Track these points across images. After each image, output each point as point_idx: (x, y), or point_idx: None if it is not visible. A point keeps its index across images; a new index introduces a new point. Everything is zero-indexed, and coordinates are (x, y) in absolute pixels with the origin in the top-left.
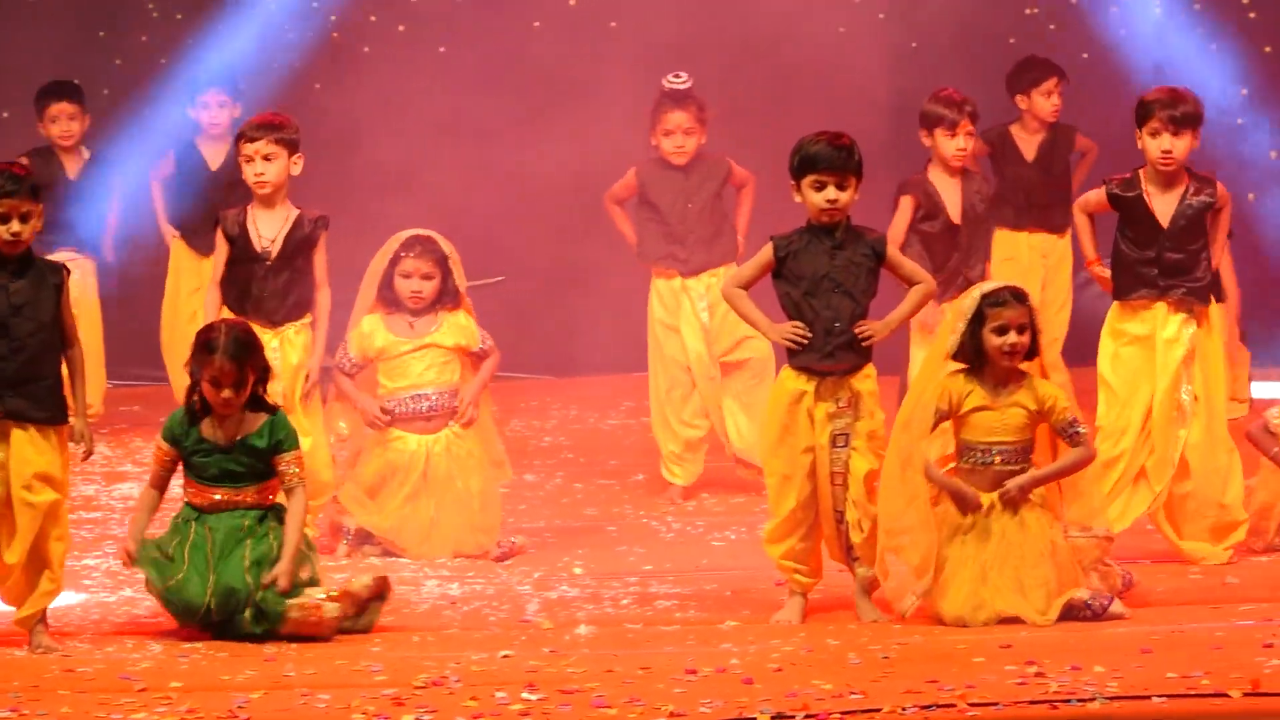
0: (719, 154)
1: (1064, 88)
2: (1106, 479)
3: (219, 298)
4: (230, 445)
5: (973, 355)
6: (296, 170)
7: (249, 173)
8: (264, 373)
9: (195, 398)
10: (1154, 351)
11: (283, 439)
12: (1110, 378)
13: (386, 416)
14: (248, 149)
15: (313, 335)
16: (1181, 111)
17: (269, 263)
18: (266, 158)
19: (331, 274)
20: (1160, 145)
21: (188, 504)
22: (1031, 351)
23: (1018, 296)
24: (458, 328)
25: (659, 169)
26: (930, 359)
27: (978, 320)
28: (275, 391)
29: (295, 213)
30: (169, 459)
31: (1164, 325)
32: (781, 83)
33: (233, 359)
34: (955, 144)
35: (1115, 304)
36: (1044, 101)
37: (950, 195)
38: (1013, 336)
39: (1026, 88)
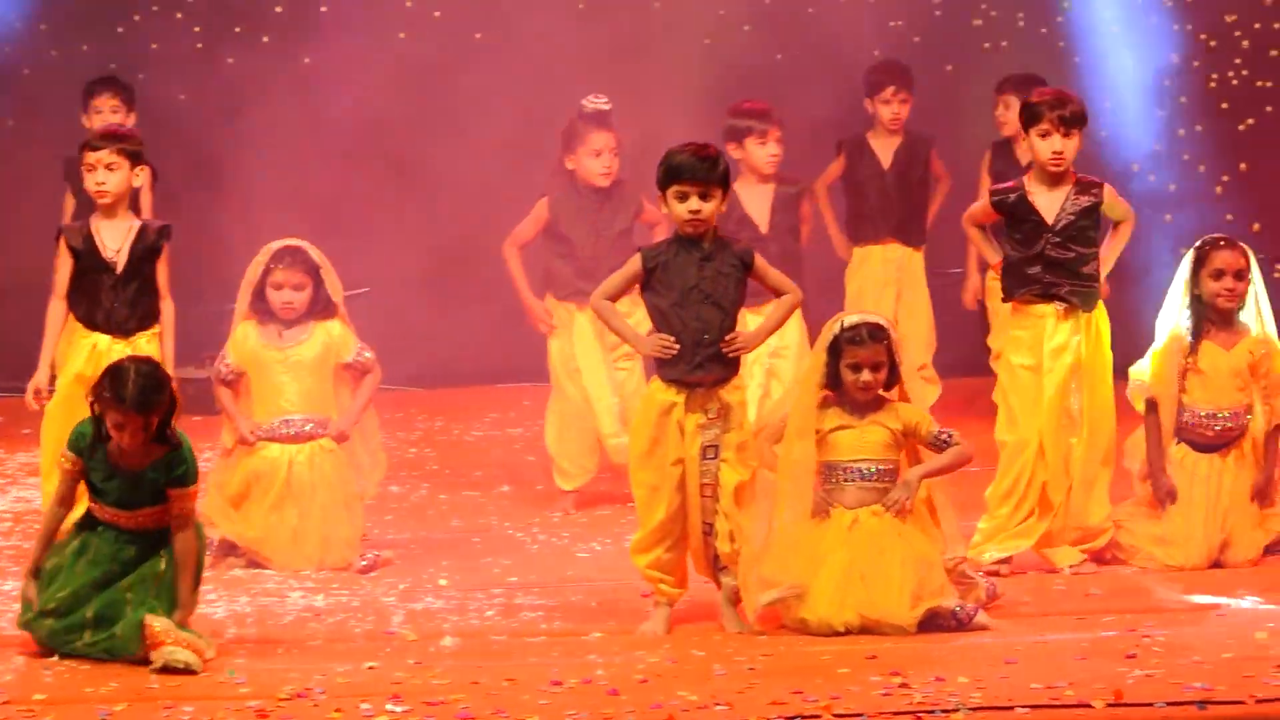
0: (634, 187)
1: (908, 97)
2: (1009, 501)
3: (65, 311)
4: (131, 473)
5: (832, 382)
6: (139, 182)
7: (90, 182)
8: (170, 408)
9: (101, 428)
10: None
11: (181, 474)
12: (1010, 399)
13: (255, 437)
14: (90, 158)
15: (161, 345)
16: (1070, 111)
17: (117, 273)
18: (109, 167)
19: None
20: (1051, 146)
21: (88, 511)
22: (890, 382)
23: (874, 335)
24: (329, 335)
25: (573, 197)
26: (801, 385)
27: (835, 352)
28: None
29: (138, 223)
30: (75, 470)
31: (1053, 334)
32: (643, 95)
33: (139, 411)
34: (768, 151)
35: (1008, 309)
36: (884, 109)
37: (759, 205)
38: (866, 375)
39: (871, 93)
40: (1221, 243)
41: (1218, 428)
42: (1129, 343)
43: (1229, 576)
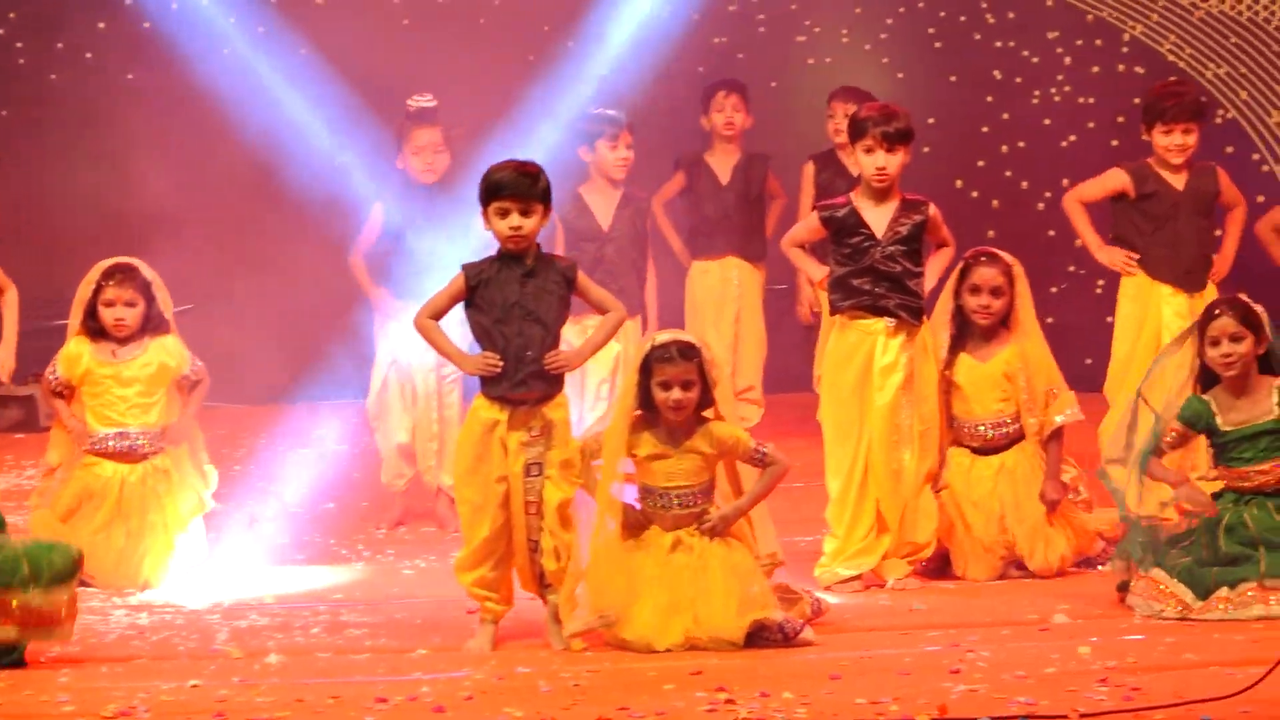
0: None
1: (741, 104)
2: (843, 519)
3: None
4: None
5: (645, 403)
6: None
7: None
8: None
9: None
10: (871, 383)
11: None
12: (839, 415)
13: (88, 442)
14: None
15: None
16: (895, 128)
17: None
18: None
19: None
20: (875, 162)
21: None
22: (704, 402)
23: (685, 353)
24: (164, 350)
25: (405, 196)
26: (616, 405)
27: (647, 371)
28: None
29: None
30: None
31: (883, 351)
32: (468, 111)
33: None
34: (619, 155)
35: (835, 323)
36: (718, 115)
37: (603, 209)
38: (676, 393)
39: (706, 108)
40: (983, 258)
41: (983, 435)
42: None
43: (1045, 590)
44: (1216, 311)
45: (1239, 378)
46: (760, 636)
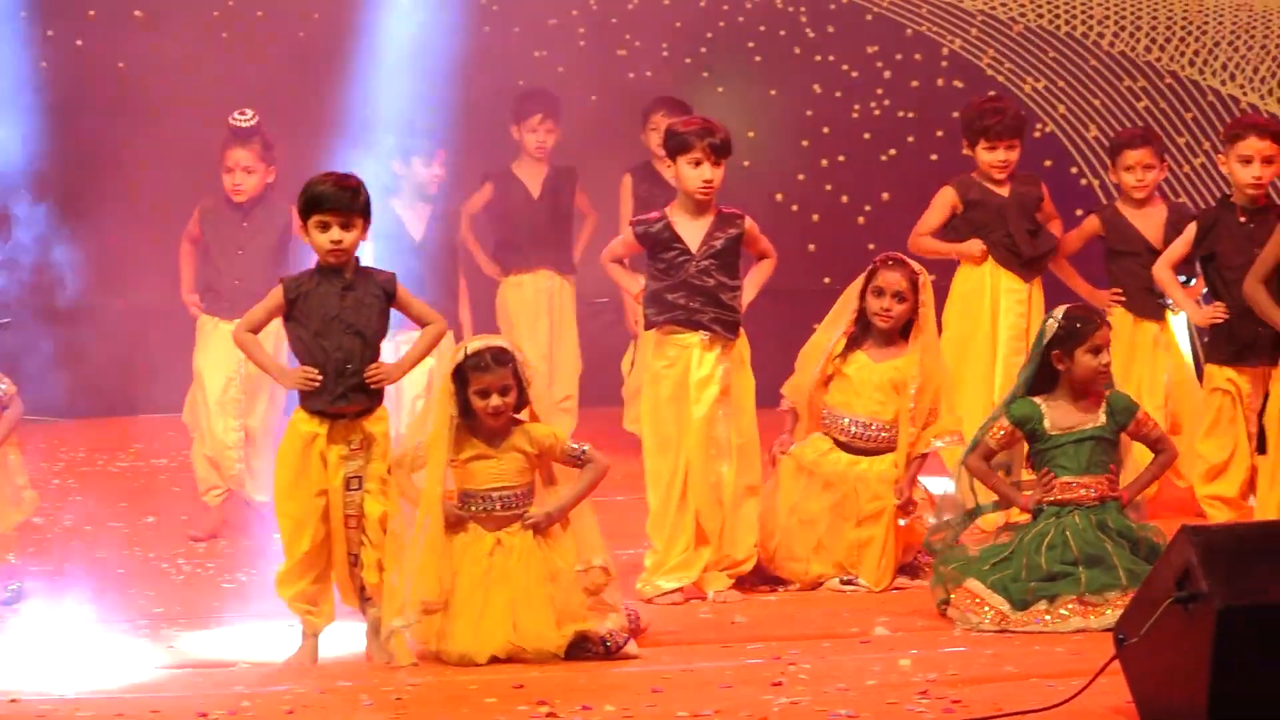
0: (285, 202)
1: (554, 126)
2: (662, 533)
3: None
4: None
5: (464, 411)
6: None
7: None
8: None
9: None
10: (687, 397)
11: None
12: (657, 429)
13: None
14: None
15: None
16: (720, 140)
17: None
18: None
19: None
20: (701, 175)
21: None
22: (520, 404)
23: (499, 359)
24: None
25: (217, 210)
26: (433, 415)
27: (462, 380)
28: None
29: None
30: None
31: (699, 364)
32: (291, 123)
33: None
34: (433, 171)
35: (652, 337)
36: (530, 136)
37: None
38: (495, 399)
39: (517, 120)
40: (891, 262)
41: (852, 433)
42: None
43: (865, 602)
44: (1097, 321)
45: (1096, 388)
46: (583, 649)
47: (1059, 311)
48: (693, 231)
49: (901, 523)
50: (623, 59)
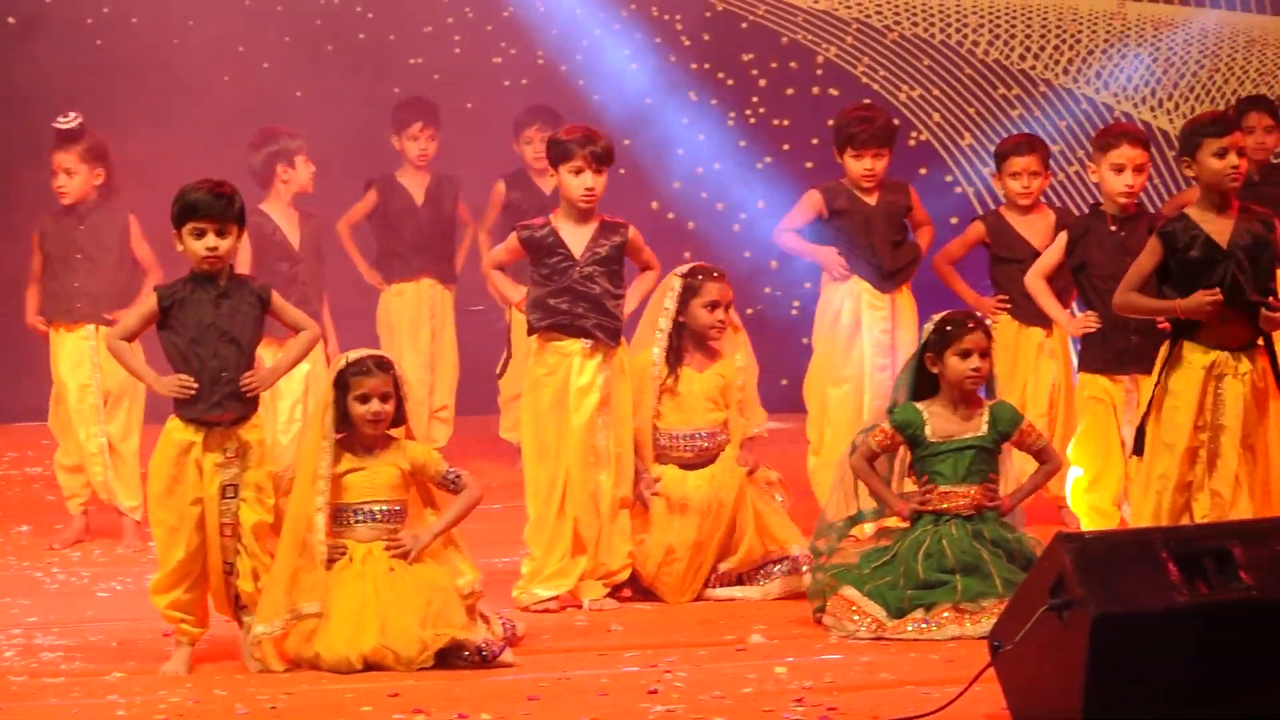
0: (125, 208)
1: (435, 133)
2: (541, 540)
3: None
4: None
5: (341, 421)
6: None
7: None
8: None
9: None
10: (568, 404)
11: None
12: (537, 436)
13: None
14: None
15: None
16: (601, 148)
17: None
18: None
19: None
20: (584, 183)
21: None
22: (397, 419)
23: (380, 365)
24: None
25: (55, 221)
26: (310, 426)
27: (342, 387)
28: None
29: None
30: None
31: (579, 372)
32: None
33: None
34: (309, 172)
35: (534, 341)
36: (411, 144)
37: (290, 228)
38: (375, 405)
39: (398, 129)
40: (715, 274)
41: (697, 447)
42: None
43: (742, 610)
44: (970, 325)
45: (971, 393)
46: (458, 657)
47: (937, 316)
48: (577, 238)
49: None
50: (498, 66)
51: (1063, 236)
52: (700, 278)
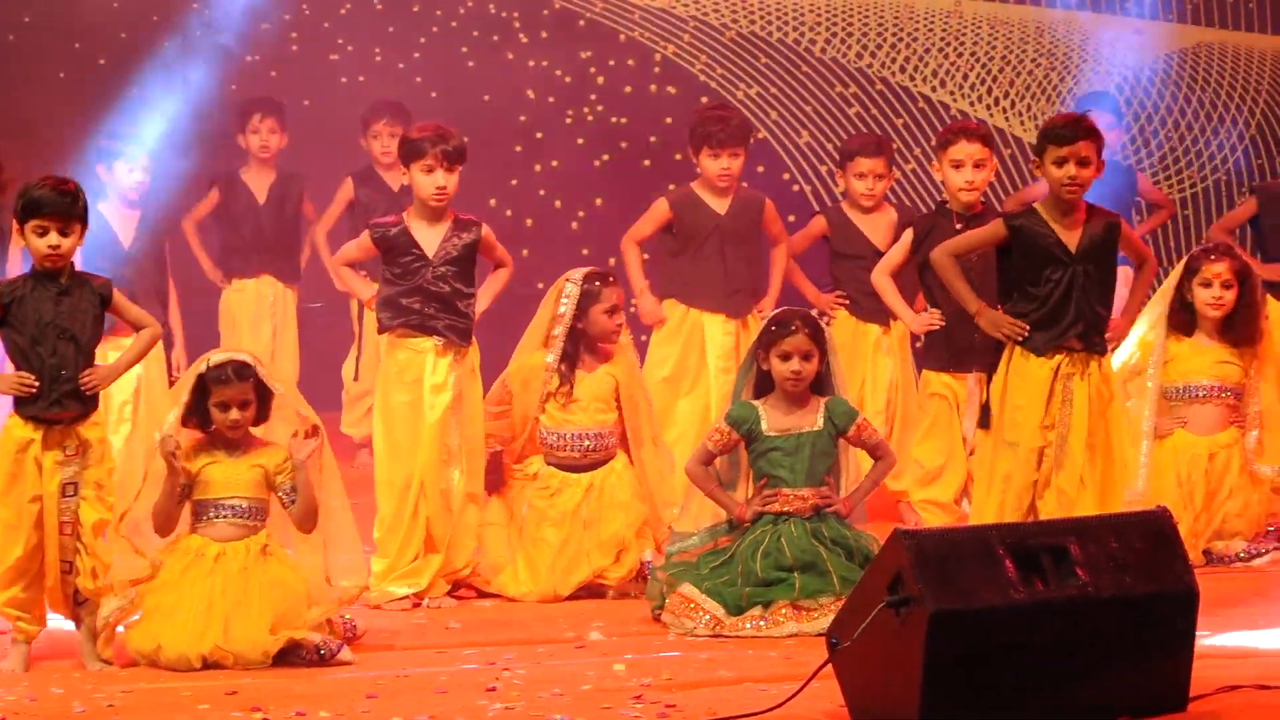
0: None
1: (277, 127)
2: (395, 539)
3: None
4: None
5: (202, 421)
6: None
7: None
8: None
9: None
10: (422, 402)
11: None
12: (390, 434)
13: None
14: None
15: None
16: (453, 146)
17: None
18: None
19: None
20: (435, 181)
21: None
22: (259, 417)
23: (240, 373)
24: None
25: None
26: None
27: (202, 391)
28: None
29: None
30: None
31: (433, 370)
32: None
33: None
34: (135, 177)
35: (385, 340)
36: (253, 138)
37: (123, 228)
38: (234, 413)
39: (240, 126)
40: (611, 279)
41: (583, 447)
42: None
43: (580, 608)
44: (793, 327)
45: (799, 394)
46: (297, 655)
47: (769, 314)
48: (429, 237)
49: None
50: (336, 63)
51: (908, 234)
52: (598, 284)
